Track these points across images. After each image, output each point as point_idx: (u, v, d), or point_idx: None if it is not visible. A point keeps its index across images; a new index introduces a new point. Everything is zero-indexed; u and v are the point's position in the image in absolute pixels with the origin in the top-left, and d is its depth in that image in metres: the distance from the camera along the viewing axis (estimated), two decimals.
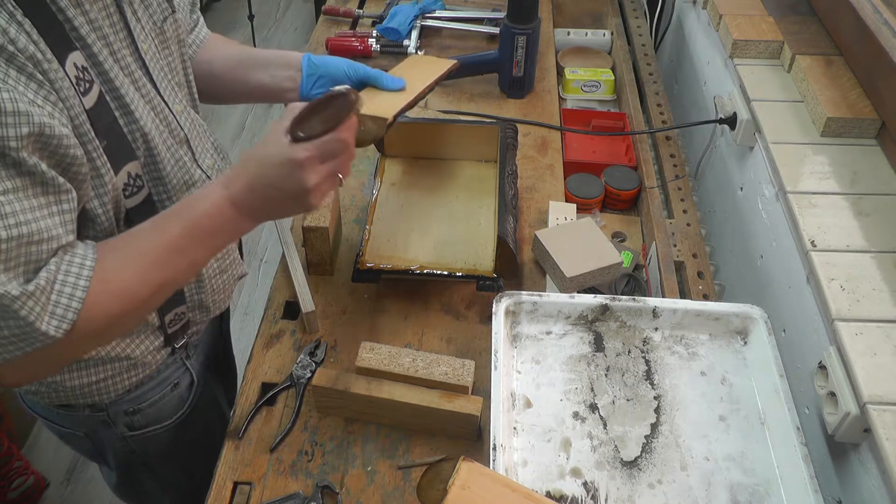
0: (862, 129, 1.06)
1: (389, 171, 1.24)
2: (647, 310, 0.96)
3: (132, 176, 0.80)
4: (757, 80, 1.20)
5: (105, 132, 0.75)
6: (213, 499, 0.87)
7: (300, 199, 0.76)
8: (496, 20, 1.64)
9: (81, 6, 0.72)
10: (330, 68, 1.02)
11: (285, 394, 0.98)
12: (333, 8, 1.72)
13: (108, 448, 1.05)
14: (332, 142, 0.75)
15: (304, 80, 1.02)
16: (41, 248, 0.66)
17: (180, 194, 0.87)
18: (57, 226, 0.68)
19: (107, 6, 0.76)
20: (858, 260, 0.91)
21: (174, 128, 0.86)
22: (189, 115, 0.91)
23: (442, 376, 0.90)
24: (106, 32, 0.76)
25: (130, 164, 0.79)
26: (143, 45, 0.82)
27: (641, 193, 1.27)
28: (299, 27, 3.73)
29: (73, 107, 0.70)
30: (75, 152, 0.69)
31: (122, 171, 0.78)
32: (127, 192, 0.80)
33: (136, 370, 0.94)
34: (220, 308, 1.02)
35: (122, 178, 0.78)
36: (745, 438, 0.87)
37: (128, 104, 0.77)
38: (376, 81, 1.01)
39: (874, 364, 0.81)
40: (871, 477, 0.81)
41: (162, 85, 0.85)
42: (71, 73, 0.70)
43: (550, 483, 0.83)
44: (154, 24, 0.86)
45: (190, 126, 0.91)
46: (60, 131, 0.67)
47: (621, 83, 1.51)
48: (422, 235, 1.13)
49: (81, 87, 0.71)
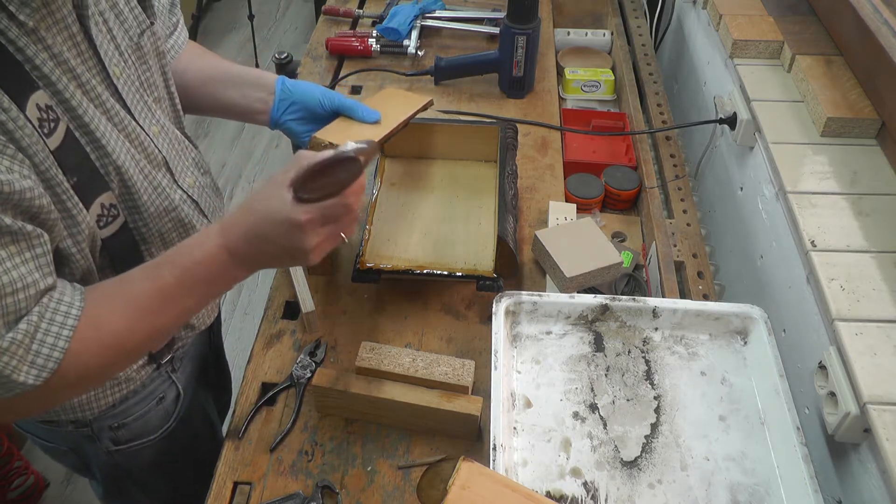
0: (862, 129, 1.06)
1: (389, 171, 1.24)
2: (647, 310, 0.96)
3: (105, 207, 0.78)
4: (757, 80, 1.20)
5: (74, 169, 0.72)
6: (213, 499, 0.87)
7: (299, 257, 0.75)
8: (496, 20, 1.64)
9: (43, 41, 0.69)
10: (304, 95, 1.00)
11: (285, 394, 0.98)
12: (333, 8, 1.72)
13: (94, 462, 1.04)
14: (337, 206, 0.73)
15: (276, 105, 1.00)
16: (17, 298, 0.65)
17: (158, 220, 0.85)
18: (32, 272, 0.66)
19: (73, 35, 0.73)
20: (858, 260, 0.91)
21: (151, 151, 0.84)
22: (167, 135, 0.89)
23: (442, 376, 0.90)
24: (72, 65, 0.72)
25: (103, 195, 0.77)
26: (114, 70, 0.79)
27: (641, 193, 1.27)
28: (299, 27, 3.73)
29: (36, 153, 0.67)
30: (40, 202, 0.67)
31: (94, 204, 0.76)
32: (101, 223, 0.78)
33: (120, 386, 0.93)
34: (204, 324, 1.01)
35: (94, 210, 0.76)
36: (745, 438, 0.87)
37: (98, 138, 0.75)
38: (351, 112, 0.99)
39: (874, 364, 0.81)
40: (871, 477, 0.81)
41: (137, 108, 0.83)
42: (33, 115, 0.67)
43: (550, 483, 0.83)
44: (130, 39, 0.83)
45: (168, 146, 0.88)
46: (21, 185, 0.64)
47: (621, 83, 1.51)
48: (422, 235, 1.13)
49: (45, 129, 0.69)
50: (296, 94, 1.00)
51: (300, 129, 1.02)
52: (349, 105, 0.99)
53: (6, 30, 0.66)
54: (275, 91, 1.00)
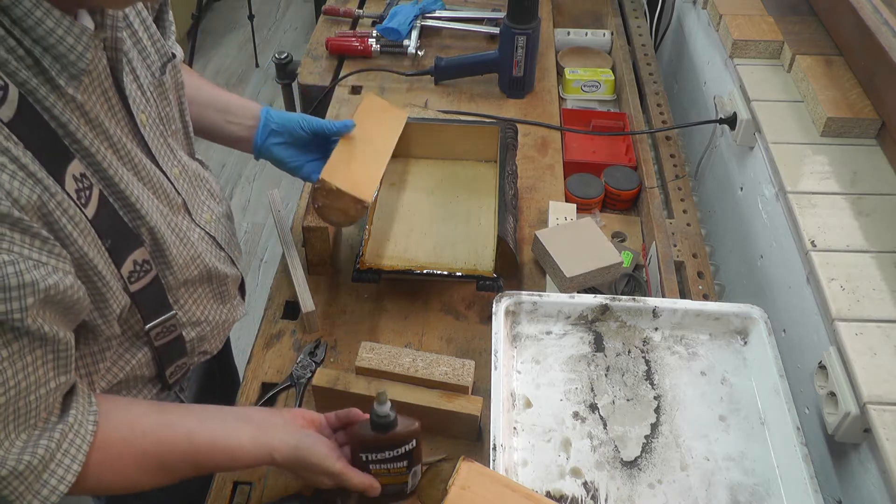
0: (862, 129, 1.06)
1: (389, 172, 1.24)
2: (647, 310, 0.96)
3: (138, 263, 0.76)
4: (757, 80, 1.20)
5: (108, 233, 0.71)
6: (213, 499, 0.87)
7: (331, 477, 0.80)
8: (496, 20, 1.64)
9: (81, 108, 0.67)
10: (284, 119, 1.03)
11: (285, 394, 0.98)
12: (333, 8, 1.72)
13: None
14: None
15: (260, 130, 1.02)
16: (28, 400, 0.64)
17: (186, 270, 0.84)
18: (48, 371, 0.66)
19: (105, 91, 0.71)
20: (858, 260, 0.91)
21: (172, 198, 0.83)
22: (186, 173, 0.88)
23: (442, 376, 0.90)
24: (106, 126, 0.71)
25: (136, 252, 0.76)
26: (141, 118, 0.77)
27: (641, 193, 1.27)
28: (299, 27, 3.73)
29: (76, 225, 0.66)
30: (78, 295, 0.67)
31: (127, 262, 0.75)
32: (133, 279, 0.76)
33: None
34: (217, 347, 0.99)
35: (127, 267, 0.75)
36: (745, 438, 0.87)
37: (128, 196, 0.73)
38: (328, 130, 1.03)
39: (874, 364, 0.81)
40: (871, 477, 0.81)
41: (160, 152, 0.81)
42: (71, 189, 0.65)
43: (550, 483, 0.83)
44: (153, 75, 0.81)
45: (187, 186, 0.87)
46: (65, 284, 0.64)
47: (621, 83, 1.51)
48: (422, 235, 1.13)
49: (82, 199, 0.67)
50: (278, 122, 1.03)
51: (284, 154, 1.03)
52: (326, 126, 1.03)
53: (52, 107, 0.64)
54: (259, 118, 1.03)
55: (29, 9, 0.60)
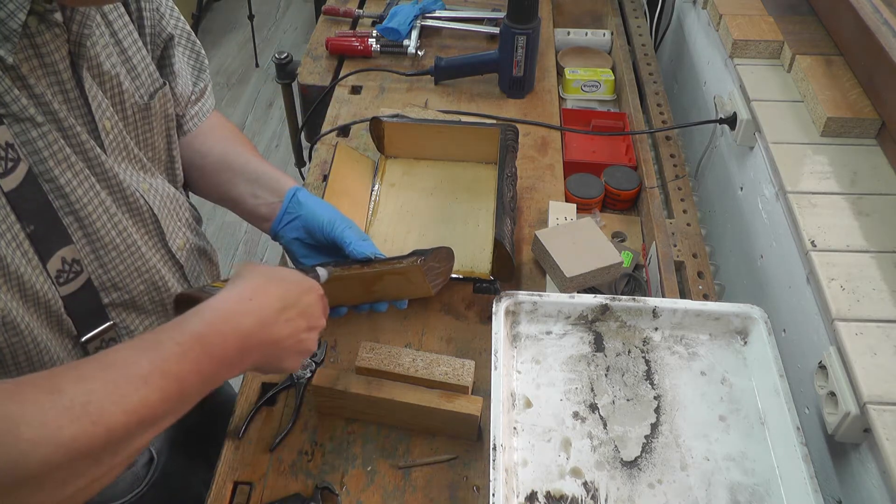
0: (862, 129, 1.06)
1: (389, 172, 1.24)
2: (647, 310, 0.96)
3: (67, 262, 0.73)
4: (757, 80, 1.20)
5: (31, 216, 0.69)
6: (213, 499, 0.87)
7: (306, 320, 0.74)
8: (496, 20, 1.64)
9: (24, 80, 0.67)
10: (310, 213, 0.93)
11: (285, 394, 0.98)
12: (333, 8, 1.72)
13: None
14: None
15: (280, 215, 0.95)
16: None
17: (129, 280, 0.81)
18: None
19: (62, 81, 0.71)
20: (858, 260, 0.91)
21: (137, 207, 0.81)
22: (159, 192, 0.86)
23: (442, 376, 0.90)
24: (55, 107, 0.70)
25: (65, 249, 0.73)
26: (105, 124, 0.76)
27: (641, 193, 1.27)
28: (299, 27, 3.73)
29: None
30: None
31: (54, 258, 0.72)
32: (61, 280, 0.73)
33: None
34: None
35: (54, 264, 0.72)
36: (745, 438, 0.87)
37: (62, 185, 0.71)
38: (345, 247, 0.91)
39: (874, 364, 0.81)
40: (871, 477, 0.81)
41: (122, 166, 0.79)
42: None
43: (550, 483, 0.83)
44: (140, 97, 0.81)
45: (160, 204, 0.85)
46: None
47: (621, 83, 1.51)
48: (421, 236, 1.13)
49: (1, 167, 0.66)
50: (303, 209, 0.94)
51: (298, 251, 0.96)
52: (347, 240, 0.92)
53: None
54: (284, 197, 0.95)
55: None
